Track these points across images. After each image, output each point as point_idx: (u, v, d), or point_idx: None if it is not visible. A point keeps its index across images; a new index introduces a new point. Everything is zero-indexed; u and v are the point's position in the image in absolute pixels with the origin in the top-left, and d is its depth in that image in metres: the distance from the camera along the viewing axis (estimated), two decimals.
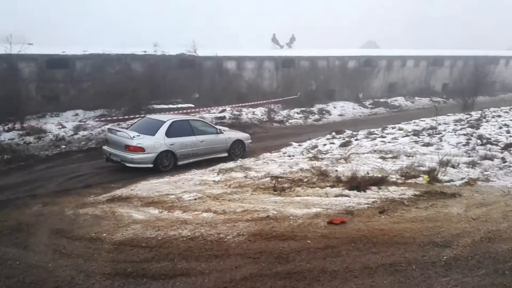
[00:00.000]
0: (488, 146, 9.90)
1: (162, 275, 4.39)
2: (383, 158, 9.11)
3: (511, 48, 51.31)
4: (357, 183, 7.09)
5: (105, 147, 10.77)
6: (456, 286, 4.17)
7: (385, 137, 11.75)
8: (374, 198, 6.66)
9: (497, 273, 4.43)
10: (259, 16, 66.30)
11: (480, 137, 10.81)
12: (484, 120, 13.87)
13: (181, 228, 5.50)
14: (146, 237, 5.26)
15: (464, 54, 32.22)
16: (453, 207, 6.35)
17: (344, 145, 10.94)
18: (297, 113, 21.21)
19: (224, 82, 21.20)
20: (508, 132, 11.50)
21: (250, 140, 12.63)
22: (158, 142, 10.17)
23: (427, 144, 10.25)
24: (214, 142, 11.39)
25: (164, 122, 10.64)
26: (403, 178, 7.63)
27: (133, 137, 9.99)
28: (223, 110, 19.38)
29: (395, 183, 7.36)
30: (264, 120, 19.60)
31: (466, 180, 7.58)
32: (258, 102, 20.73)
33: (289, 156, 10.27)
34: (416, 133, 11.96)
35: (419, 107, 25.71)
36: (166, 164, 10.34)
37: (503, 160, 8.84)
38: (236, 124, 17.41)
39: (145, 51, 18.79)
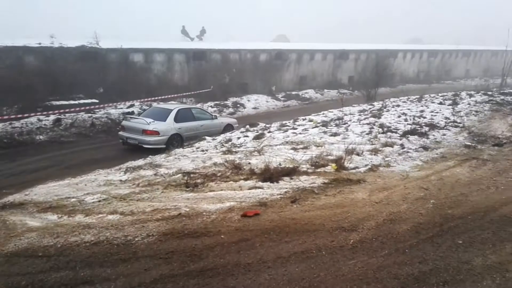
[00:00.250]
0: (389, 133, 10.63)
1: (62, 285, 4.02)
2: (294, 149, 9.33)
3: (409, 42, 56.14)
4: (270, 175, 7.18)
5: (121, 133, 12.37)
6: (362, 267, 4.36)
7: (296, 128, 12.07)
8: (287, 188, 6.79)
9: (399, 252, 4.72)
10: (168, 7, 64.88)
11: (381, 125, 11.56)
12: (385, 110, 14.89)
13: (84, 233, 5.08)
14: (43, 246, 4.78)
15: (366, 48, 34.42)
16: (358, 192, 6.69)
17: (258, 137, 11.02)
18: (211, 106, 21.02)
19: (131, 75, 20.09)
20: (406, 120, 12.46)
21: (237, 124, 14.68)
22: (169, 126, 11.99)
23: (335, 134, 10.71)
24: (211, 126, 13.43)
25: (172, 110, 12.44)
26: (313, 167, 7.87)
27: (149, 122, 11.62)
28: (132, 105, 18.50)
29: (306, 173, 7.57)
30: None
31: (370, 167, 8.04)
32: (169, 96, 20.12)
33: (202, 150, 10.07)
34: (325, 124, 12.46)
35: (328, 99, 26.94)
36: (176, 145, 11.76)
37: (402, 146, 9.54)
38: None
39: (40, 43, 17.23)
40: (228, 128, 14.02)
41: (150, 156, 9.91)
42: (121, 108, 17.79)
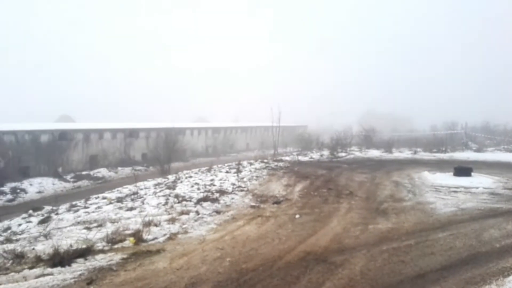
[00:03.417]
0: (184, 202, 11.08)
1: None
2: (87, 228, 8.76)
3: (195, 120, 60.77)
4: (60, 259, 6.56)
5: None
6: None
7: (88, 207, 11.36)
8: (81, 270, 6.31)
9: None
10: None
11: (176, 196, 11.98)
12: (179, 181, 15.48)
13: None
14: None
15: (156, 127, 35.69)
16: (159, 262, 6.71)
17: (44, 221, 9.92)
18: None
19: None
20: (198, 189, 13.22)
21: None
22: None
23: (131, 209, 10.54)
24: None
25: None
26: (110, 244, 7.55)
27: None
28: None
29: (102, 251, 7.21)
30: None
31: (168, 236, 8.19)
32: None
33: None
34: (120, 199, 12.14)
35: (123, 177, 26.38)
36: None
37: (197, 213, 10.07)
38: None
39: None
40: None
41: None
42: None
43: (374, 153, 29.74)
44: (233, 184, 14.14)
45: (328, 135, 36.86)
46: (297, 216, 9.96)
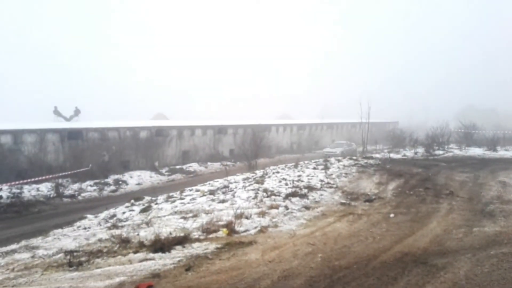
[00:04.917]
0: (273, 197, 11.14)
1: None
2: (184, 218, 9.21)
3: (279, 117, 61.23)
4: (161, 245, 6.96)
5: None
6: None
7: (184, 199, 11.96)
8: (180, 256, 6.62)
9: None
10: (40, 89, 62.15)
11: (265, 190, 12.10)
12: (266, 176, 15.64)
13: None
14: None
15: (243, 123, 36.55)
16: (251, 253, 6.81)
17: (145, 210, 10.66)
18: (90, 185, 19.85)
19: None
20: (286, 184, 13.23)
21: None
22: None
23: (223, 201, 10.87)
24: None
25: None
26: (204, 234, 7.85)
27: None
28: None
29: (198, 240, 7.51)
30: (51, 196, 17.62)
31: (259, 228, 8.29)
32: (43, 178, 18.58)
33: (85, 228, 9.38)
34: (212, 192, 12.60)
35: (212, 171, 27.39)
36: None
37: (286, 207, 10.06)
38: (17, 203, 15.18)
39: None
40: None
41: (25, 239, 8.86)
42: None
43: (475, 151, 27.40)
44: (322, 181, 13.93)
45: (422, 132, 34.72)
46: (392, 215, 9.52)
